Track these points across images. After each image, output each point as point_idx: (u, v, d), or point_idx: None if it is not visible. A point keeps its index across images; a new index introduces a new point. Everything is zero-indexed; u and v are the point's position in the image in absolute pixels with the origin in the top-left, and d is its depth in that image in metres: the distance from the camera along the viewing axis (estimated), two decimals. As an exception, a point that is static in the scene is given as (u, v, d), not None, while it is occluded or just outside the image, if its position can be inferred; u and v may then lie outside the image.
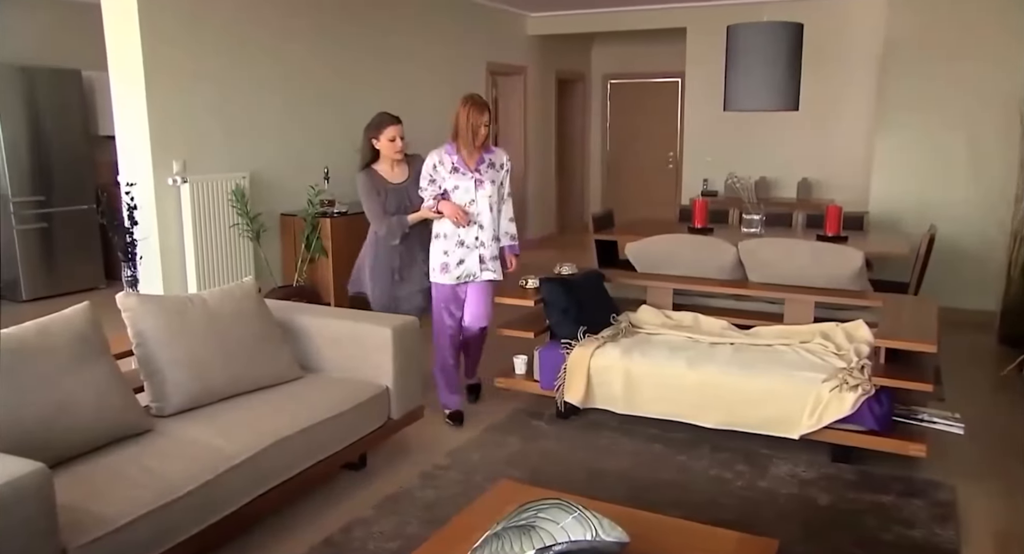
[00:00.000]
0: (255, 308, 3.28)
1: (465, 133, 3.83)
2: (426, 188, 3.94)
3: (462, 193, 3.90)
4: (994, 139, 5.79)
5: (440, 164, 3.90)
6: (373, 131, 4.05)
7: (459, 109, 3.86)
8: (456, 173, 3.89)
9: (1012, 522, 3.08)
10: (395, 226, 3.99)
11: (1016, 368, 4.77)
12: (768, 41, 4.80)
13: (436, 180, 3.91)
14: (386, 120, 4.05)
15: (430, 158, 3.94)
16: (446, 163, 3.90)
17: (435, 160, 3.92)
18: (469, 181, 3.89)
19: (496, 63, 8.30)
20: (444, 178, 3.90)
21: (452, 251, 3.94)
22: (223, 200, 5.03)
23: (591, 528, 1.93)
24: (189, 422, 2.85)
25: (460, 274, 3.94)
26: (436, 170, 3.90)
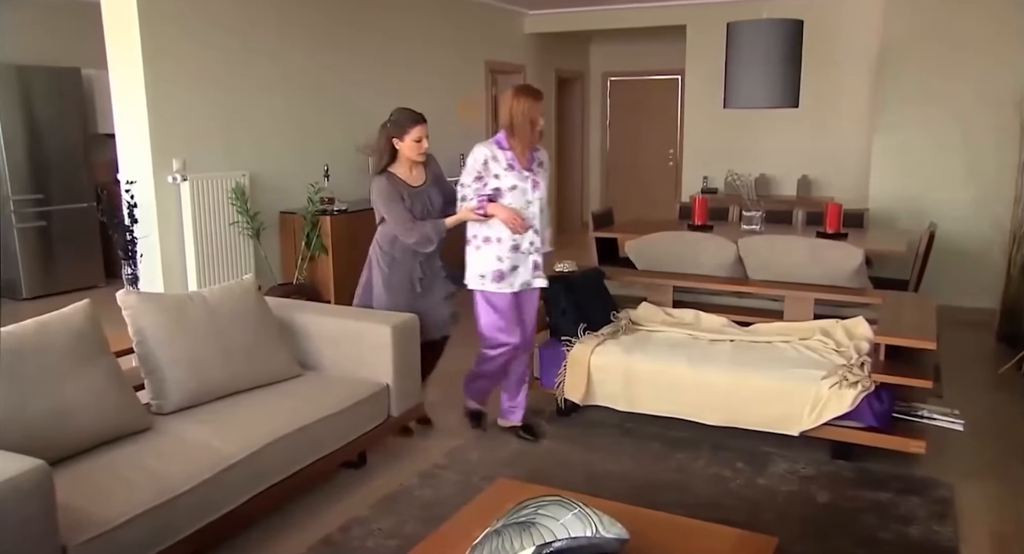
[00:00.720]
0: (255, 306, 3.28)
1: (522, 126, 3.43)
2: (469, 185, 3.52)
3: (519, 194, 3.49)
4: (992, 138, 5.79)
5: (494, 160, 3.47)
6: (395, 130, 3.54)
7: (511, 100, 3.46)
8: (512, 171, 3.48)
9: (1010, 520, 3.09)
10: (431, 233, 3.52)
11: (1014, 366, 4.77)
12: (768, 38, 4.80)
13: (484, 177, 3.50)
14: (411, 118, 3.55)
15: (479, 152, 3.50)
16: (500, 159, 3.47)
17: (487, 154, 3.48)
18: (527, 182, 3.50)
19: (495, 61, 8.29)
20: (499, 175, 3.47)
21: (506, 257, 3.52)
22: (223, 198, 5.03)
23: (591, 525, 1.93)
24: (189, 420, 2.85)
25: (515, 283, 3.57)
26: (488, 166, 3.47)
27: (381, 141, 3.58)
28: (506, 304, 3.58)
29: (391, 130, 3.55)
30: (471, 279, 3.63)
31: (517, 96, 3.46)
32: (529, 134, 3.46)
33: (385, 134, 3.56)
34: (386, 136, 3.56)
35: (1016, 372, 4.74)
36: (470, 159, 3.55)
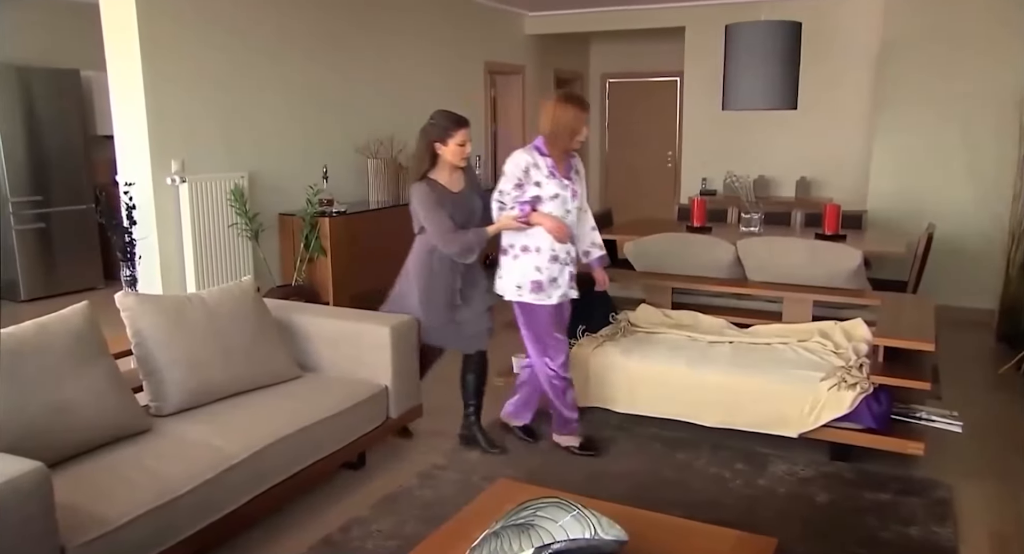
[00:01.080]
0: (254, 307, 3.28)
1: (563, 135, 3.34)
2: (509, 192, 3.39)
3: (559, 203, 3.39)
4: (992, 138, 5.80)
5: (535, 167, 3.35)
6: (438, 134, 3.36)
7: (555, 107, 3.35)
8: (553, 179, 3.37)
9: (1009, 520, 3.09)
10: (473, 242, 3.36)
11: (1014, 366, 4.77)
12: (766, 40, 4.81)
13: (525, 185, 3.38)
14: (454, 121, 3.39)
15: (519, 159, 3.38)
16: (542, 166, 3.36)
17: (528, 161, 3.36)
18: (567, 190, 3.41)
19: (494, 62, 8.30)
20: (540, 183, 3.36)
21: (545, 267, 3.41)
22: (222, 200, 5.02)
23: (590, 526, 1.93)
24: (188, 421, 2.85)
25: (553, 295, 3.46)
26: (529, 173, 3.36)
27: (422, 145, 3.40)
28: (548, 316, 3.48)
29: (434, 134, 3.38)
30: (507, 290, 3.50)
31: (562, 103, 3.36)
32: (568, 143, 3.38)
33: (427, 138, 3.38)
34: (428, 140, 3.38)
35: (1016, 372, 4.74)
36: (510, 165, 3.40)
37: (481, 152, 8.04)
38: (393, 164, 6.41)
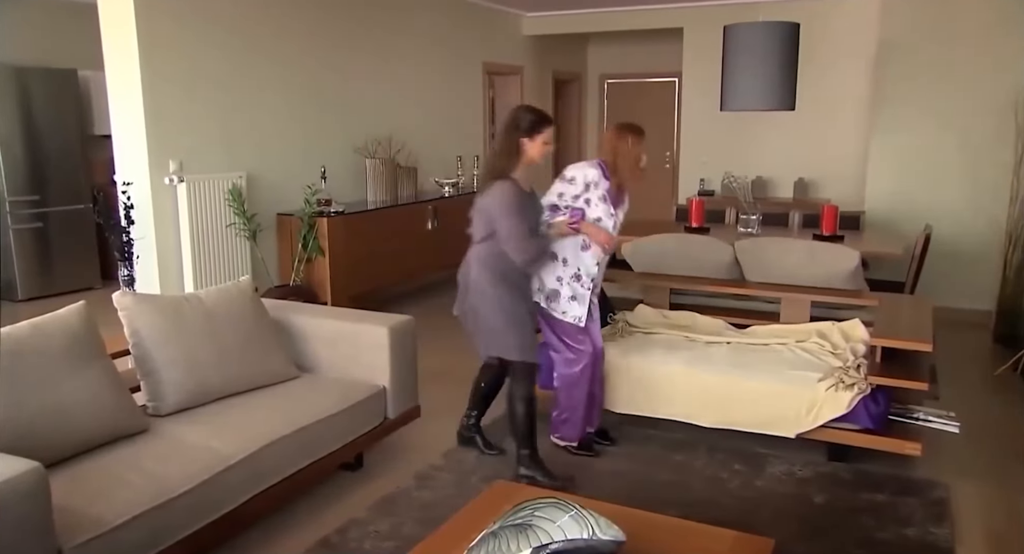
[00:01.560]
0: (251, 307, 3.28)
1: (627, 164, 3.37)
2: (567, 199, 3.40)
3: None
4: (989, 139, 5.81)
5: (595, 186, 3.37)
6: (525, 131, 3.19)
7: (615, 139, 3.39)
8: (604, 203, 3.39)
9: (1005, 521, 3.09)
10: (545, 249, 3.33)
11: (1011, 367, 4.78)
12: (764, 41, 4.81)
13: (580, 196, 3.39)
14: (541, 118, 3.22)
15: (589, 172, 3.37)
16: (600, 188, 3.38)
17: (590, 179, 3.36)
18: (611, 220, 3.43)
19: (492, 63, 8.30)
20: (591, 201, 3.37)
21: (566, 282, 3.43)
22: (220, 199, 5.02)
23: (588, 527, 1.93)
24: (185, 422, 2.85)
25: (565, 312, 3.47)
26: (589, 189, 3.37)
27: (508, 142, 3.22)
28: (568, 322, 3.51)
29: (521, 130, 3.19)
30: (567, 315, 3.51)
31: (622, 134, 3.39)
32: (631, 172, 3.40)
33: (516, 134, 3.21)
34: (514, 137, 3.21)
35: (1012, 373, 4.75)
36: (578, 173, 3.38)
37: (479, 153, 8.04)
38: (391, 164, 6.42)
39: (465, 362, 4.93)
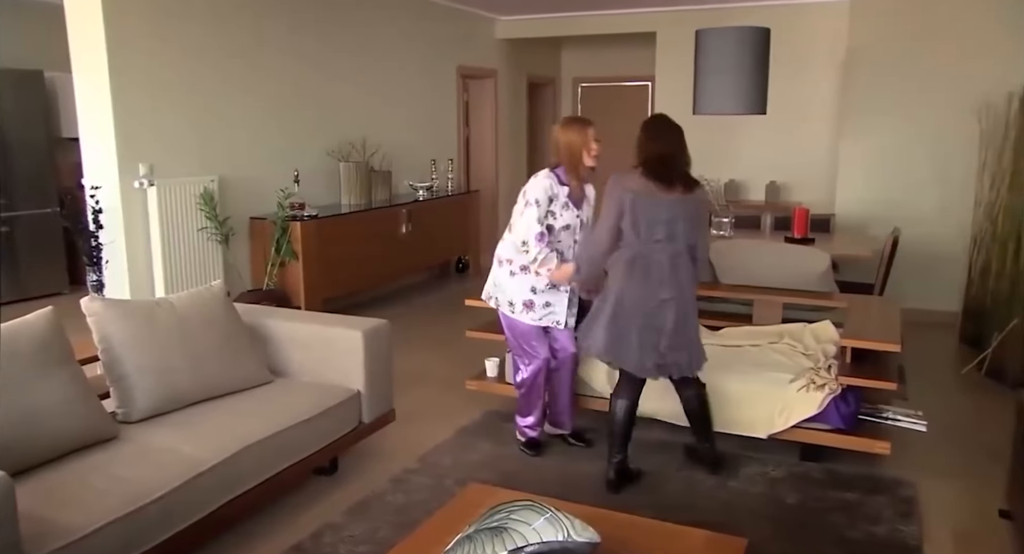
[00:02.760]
0: (224, 312, 3.25)
1: (576, 155, 3.39)
2: (544, 220, 3.41)
3: (570, 234, 3.47)
4: (955, 144, 5.92)
5: (555, 197, 3.41)
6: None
7: (560, 133, 3.42)
8: (568, 210, 3.45)
9: (972, 517, 3.15)
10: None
11: (976, 367, 4.87)
12: (736, 46, 4.86)
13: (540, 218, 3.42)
14: None
15: (544, 184, 3.39)
16: (560, 196, 3.42)
17: (550, 192, 3.39)
18: (577, 221, 3.48)
19: (466, 66, 8.31)
20: (555, 213, 3.41)
21: (540, 291, 3.49)
22: (191, 203, 4.97)
23: (563, 529, 1.94)
24: (157, 428, 2.81)
25: (543, 318, 3.52)
26: (552, 203, 3.41)
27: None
28: (529, 327, 3.55)
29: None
30: (502, 304, 3.57)
31: (564, 127, 3.44)
32: (581, 163, 3.40)
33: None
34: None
35: (978, 372, 4.84)
36: (537, 192, 3.39)
37: (453, 156, 8.04)
38: (365, 167, 6.39)
39: (439, 365, 4.94)
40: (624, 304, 3.13)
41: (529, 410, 3.67)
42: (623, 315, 3.14)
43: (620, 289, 3.15)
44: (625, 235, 3.15)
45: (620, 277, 3.15)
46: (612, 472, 3.31)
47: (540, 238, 3.37)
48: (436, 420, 4.06)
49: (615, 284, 3.17)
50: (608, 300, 3.18)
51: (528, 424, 3.71)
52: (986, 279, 5.22)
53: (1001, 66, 5.62)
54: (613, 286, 3.18)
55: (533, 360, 3.58)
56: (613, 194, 3.16)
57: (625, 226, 3.14)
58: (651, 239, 3.12)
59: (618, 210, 3.13)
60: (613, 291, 3.17)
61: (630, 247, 3.15)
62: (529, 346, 3.58)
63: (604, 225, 3.17)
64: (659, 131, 3.26)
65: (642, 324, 3.13)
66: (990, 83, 5.60)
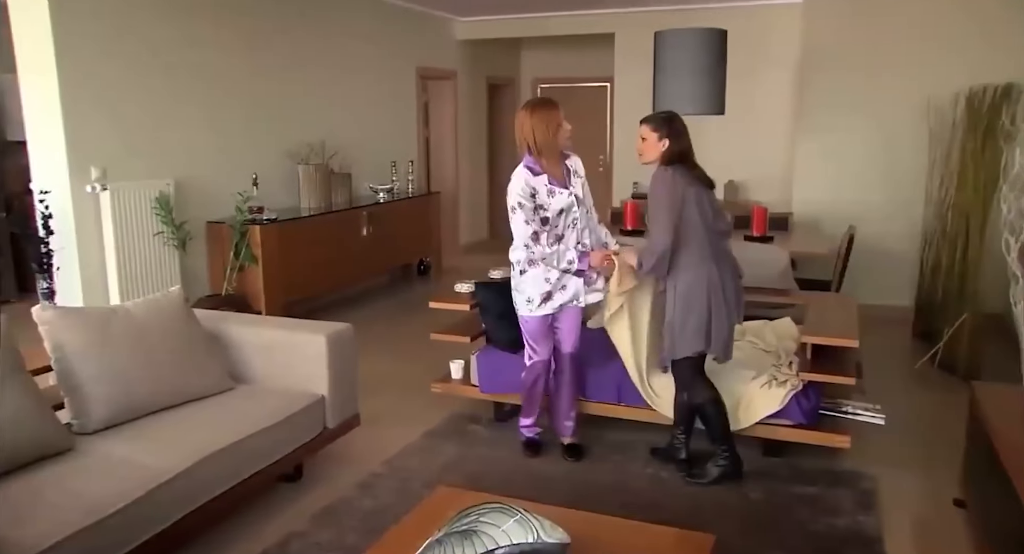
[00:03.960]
0: (183, 318, 3.18)
1: (549, 134, 3.29)
2: (534, 219, 3.33)
3: (567, 217, 3.38)
4: (906, 144, 6.06)
5: (535, 189, 3.31)
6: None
7: (526, 118, 3.31)
8: (554, 196, 3.33)
9: (930, 507, 3.23)
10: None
11: (929, 361, 5.00)
12: (694, 47, 4.92)
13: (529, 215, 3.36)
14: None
15: (518, 184, 3.32)
16: (539, 187, 3.31)
17: (530, 187, 3.31)
18: (570, 199, 3.37)
19: (426, 67, 8.27)
20: (544, 204, 3.32)
21: (554, 276, 3.40)
22: (146, 208, 4.86)
23: (532, 530, 1.94)
24: (115, 439, 2.74)
25: (565, 301, 3.44)
26: (536, 197, 3.32)
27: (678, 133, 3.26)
28: (536, 324, 3.49)
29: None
30: (519, 304, 3.48)
31: (530, 109, 3.34)
32: (556, 142, 3.33)
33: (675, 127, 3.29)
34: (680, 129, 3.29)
35: (931, 366, 4.97)
36: (514, 192, 3.31)
37: (413, 157, 8.00)
38: (325, 170, 6.32)
39: (404, 368, 4.90)
40: (722, 296, 3.18)
41: (528, 411, 3.67)
42: (721, 307, 3.18)
43: (715, 281, 3.17)
44: (694, 226, 3.16)
45: (709, 270, 3.18)
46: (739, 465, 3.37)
47: (535, 238, 3.31)
48: (401, 423, 4.03)
49: (702, 279, 3.17)
50: (706, 296, 3.17)
51: (526, 425, 3.71)
52: (937, 275, 5.36)
53: (947, 68, 5.77)
54: (700, 282, 3.17)
55: (532, 359, 3.56)
56: (676, 188, 3.14)
57: (693, 218, 3.15)
58: (717, 229, 3.23)
59: (682, 204, 3.14)
60: (702, 287, 3.17)
61: (701, 238, 3.17)
62: (535, 342, 3.52)
63: (667, 221, 3.12)
64: (683, 128, 3.29)
65: (728, 308, 3.22)
66: (937, 85, 5.75)
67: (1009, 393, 3.22)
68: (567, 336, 3.56)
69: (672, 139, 3.23)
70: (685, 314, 3.19)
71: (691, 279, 3.18)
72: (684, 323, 3.20)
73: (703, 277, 3.17)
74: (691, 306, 3.18)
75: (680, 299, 3.20)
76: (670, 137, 3.23)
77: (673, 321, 3.23)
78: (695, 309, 3.18)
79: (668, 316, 3.26)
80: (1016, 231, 4.17)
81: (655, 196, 3.18)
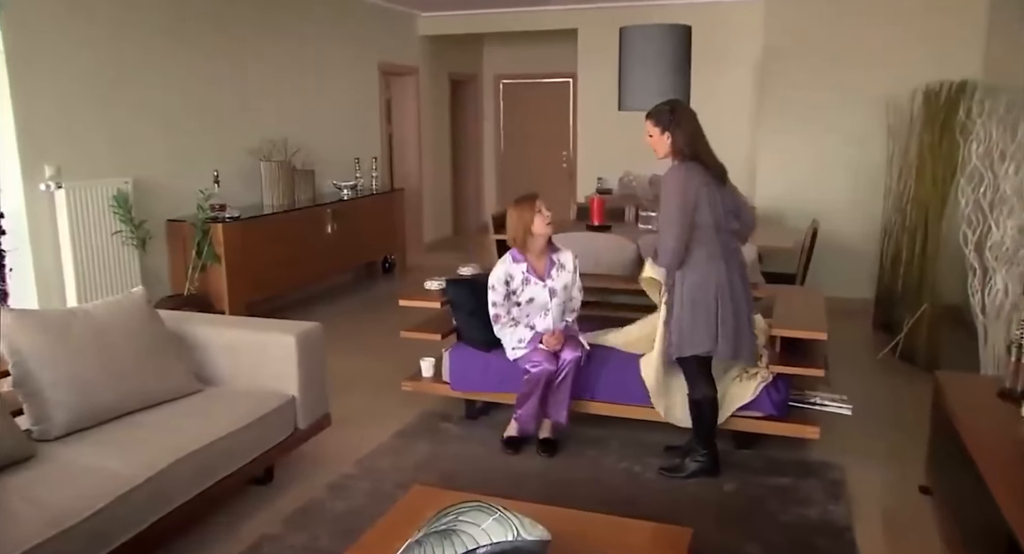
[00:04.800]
0: (146, 320, 3.10)
1: (520, 232, 3.53)
2: (502, 304, 3.62)
3: (538, 307, 3.61)
4: (866, 138, 6.17)
5: (511, 277, 3.59)
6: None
7: (510, 213, 3.57)
8: (528, 284, 3.59)
9: (896, 495, 3.29)
10: None
11: (890, 351, 5.10)
12: (659, 43, 4.93)
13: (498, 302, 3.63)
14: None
15: (499, 271, 3.62)
16: (516, 275, 3.59)
17: (506, 273, 3.60)
18: (544, 291, 3.59)
19: (388, 63, 8.19)
20: (517, 291, 3.60)
21: (526, 336, 3.62)
22: (104, 206, 4.72)
23: (512, 528, 1.93)
24: (78, 445, 2.66)
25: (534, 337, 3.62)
26: (510, 284, 3.60)
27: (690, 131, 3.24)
28: (527, 354, 3.60)
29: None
30: (511, 352, 3.65)
31: (513, 206, 3.57)
32: (526, 238, 3.54)
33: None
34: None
35: (892, 357, 5.07)
36: (494, 275, 3.63)
37: (377, 154, 7.92)
38: (288, 167, 6.22)
39: (373, 367, 4.85)
40: (729, 296, 3.17)
41: (524, 400, 3.61)
42: (728, 306, 3.17)
43: (723, 282, 3.17)
44: (703, 227, 3.14)
45: (718, 270, 3.17)
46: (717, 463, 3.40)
47: (495, 319, 3.64)
48: (372, 423, 3.98)
49: (710, 279, 3.16)
50: (714, 297, 3.16)
51: (518, 415, 3.66)
52: (896, 267, 5.47)
53: (906, 65, 5.89)
54: (708, 282, 3.16)
55: (539, 365, 3.55)
56: (688, 188, 3.12)
57: (704, 218, 3.13)
58: (728, 229, 3.21)
59: (695, 203, 3.12)
60: (710, 287, 3.15)
61: (711, 238, 3.15)
62: (534, 360, 3.55)
63: (679, 221, 3.11)
64: (686, 116, 3.24)
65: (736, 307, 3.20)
66: (896, 81, 5.86)
67: (972, 381, 3.31)
68: (566, 353, 3.58)
69: (675, 131, 3.20)
70: (693, 314, 3.19)
71: (698, 279, 3.17)
72: (692, 323, 3.20)
73: (711, 277, 3.16)
74: (698, 306, 3.18)
75: (687, 298, 3.20)
76: (671, 129, 3.20)
77: (681, 320, 3.23)
78: (702, 309, 3.17)
79: (675, 314, 3.26)
80: (973, 224, 4.28)
81: (668, 194, 3.15)
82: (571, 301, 3.73)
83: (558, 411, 3.64)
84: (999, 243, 4.01)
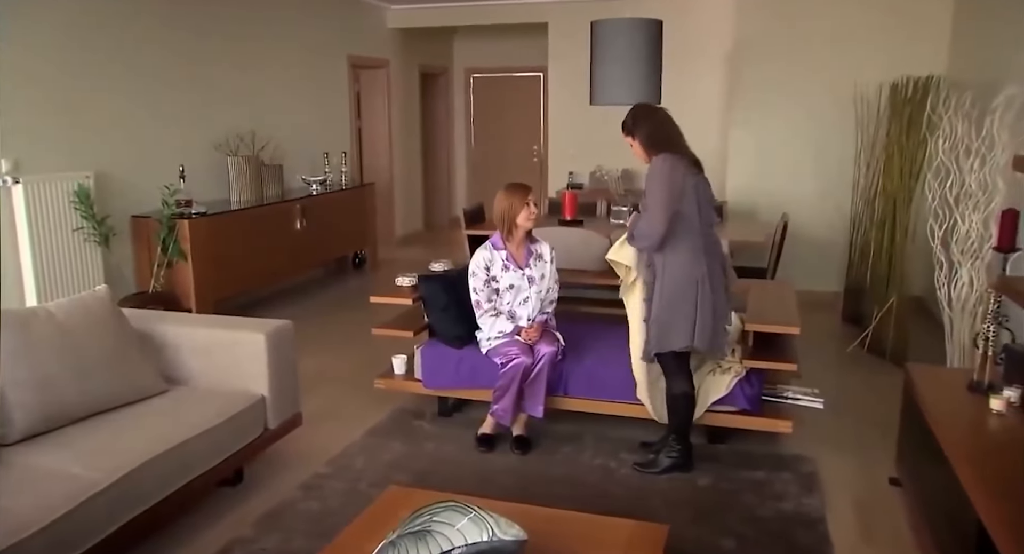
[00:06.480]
0: (111, 318, 3.02)
1: (507, 221, 3.58)
2: (482, 289, 3.62)
3: (515, 293, 3.64)
4: (834, 132, 6.23)
5: (491, 263, 3.63)
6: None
7: (497, 199, 3.62)
8: (507, 271, 3.63)
9: (867, 487, 3.33)
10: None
11: (859, 344, 5.16)
12: (630, 37, 4.92)
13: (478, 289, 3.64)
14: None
15: (478, 257, 3.64)
16: (497, 261, 3.63)
17: (486, 258, 3.62)
18: (523, 280, 3.63)
19: (357, 56, 8.10)
20: (497, 277, 3.63)
21: (507, 329, 3.63)
22: (65, 202, 4.60)
23: (488, 528, 1.90)
24: (39, 448, 2.58)
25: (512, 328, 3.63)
26: (488, 270, 3.62)
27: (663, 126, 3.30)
28: (503, 347, 3.61)
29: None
30: (482, 342, 3.70)
31: (501, 193, 3.61)
32: (513, 227, 3.59)
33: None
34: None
35: (861, 349, 5.13)
36: (472, 265, 3.66)
37: (346, 149, 7.83)
38: (255, 161, 6.12)
39: (344, 365, 4.80)
40: (709, 290, 3.14)
41: (503, 394, 3.58)
42: (708, 300, 3.14)
43: (703, 276, 3.14)
44: (688, 219, 3.12)
45: (699, 264, 3.14)
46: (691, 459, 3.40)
47: (477, 306, 3.64)
48: (344, 421, 3.93)
49: (690, 274, 3.14)
50: (693, 291, 3.14)
51: (495, 410, 3.62)
52: (865, 260, 5.52)
53: (873, 60, 5.95)
54: (689, 277, 3.14)
55: (516, 357, 3.54)
56: (674, 177, 3.10)
57: (689, 209, 3.12)
58: (710, 221, 3.22)
59: (680, 192, 3.10)
60: (694, 281, 3.13)
61: (694, 231, 3.14)
62: (510, 353, 3.55)
63: (665, 207, 3.08)
64: (646, 114, 3.32)
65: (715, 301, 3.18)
66: (864, 75, 5.91)
67: (941, 374, 3.35)
68: (542, 346, 3.58)
69: (637, 133, 3.26)
70: (672, 309, 3.18)
71: (679, 274, 3.16)
72: (671, 319, 3.18)
73: (691, 272, 3.15)
74: (677, 301, 3.16)
75: (667, 293, 3.18)
76: (634, 132, 3.27)
77: (660, 315, 3.21)
78: (681, 304, 3.16)
79: (655, 309, 3.23)
80: (939, 218, 4.34)
81: (655, 180, 3.12)
82: (548, 292, 3.73)
83: (534, 405, 3.62)
84: (964, 237, 4.07)
